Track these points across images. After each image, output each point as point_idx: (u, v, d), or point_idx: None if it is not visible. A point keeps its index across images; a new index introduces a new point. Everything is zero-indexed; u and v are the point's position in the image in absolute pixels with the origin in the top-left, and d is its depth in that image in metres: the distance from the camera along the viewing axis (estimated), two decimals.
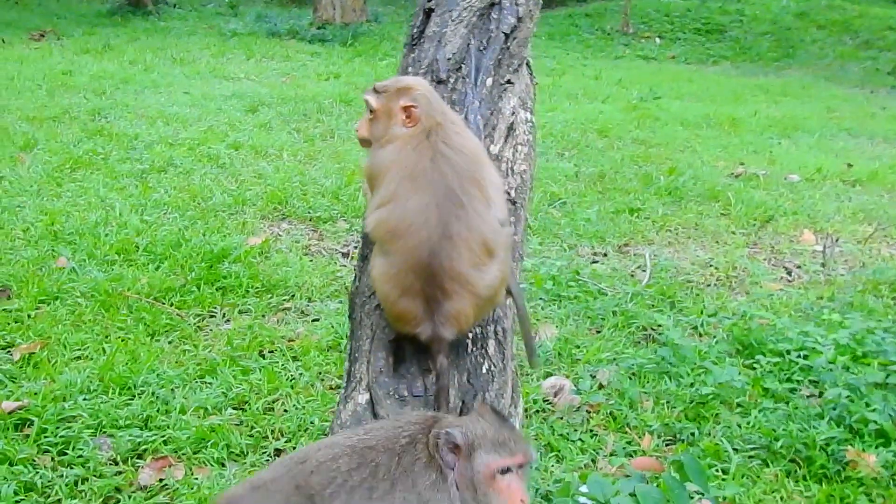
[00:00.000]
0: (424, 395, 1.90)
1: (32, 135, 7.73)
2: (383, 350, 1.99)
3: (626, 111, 10.43)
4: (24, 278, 4.68)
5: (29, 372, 3.78)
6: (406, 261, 2.00)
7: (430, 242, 1.98)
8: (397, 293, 2.00)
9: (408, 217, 2.01)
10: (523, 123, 2.43)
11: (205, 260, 5.02)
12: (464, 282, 1.99)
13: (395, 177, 2.06)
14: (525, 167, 2.38)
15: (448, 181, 2.01)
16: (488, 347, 2.05)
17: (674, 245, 6.06)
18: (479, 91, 2.32)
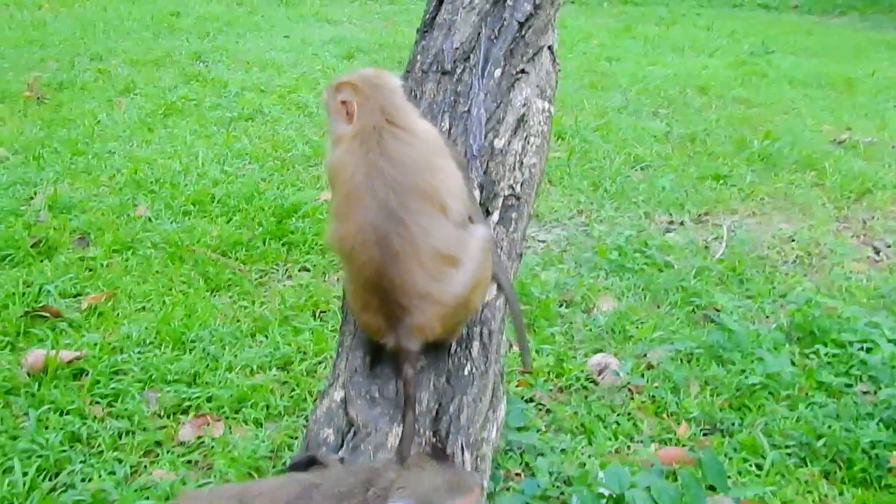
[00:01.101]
0: (395, 399, 1.90)
1: (132, 79, 8.01)
2: (361, 349, 2.00)
3: (733, 67, 9.97)
4: (102, 227, 4.89)
5: (93, 322, 3.98)
6: (358, 280, 1.99)
7: (375, 263, 1.94)
8: (359, 307, 2.00)
9: (349, 238, 1.98)
10: (538, 114, 2.36)
11: (275, 214, 5.12)
12: (423, 295, 1.94)
13: (339, 191, 2.03)
14: (535, 160, 2.31)
15: (383, 199, 1.94)
16: (472, 349, 2.03)
17: (757, 216, 5.81)
18: (486, 83, 2.25)
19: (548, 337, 4.09)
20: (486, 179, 2.20)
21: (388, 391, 1.91)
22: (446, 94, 2.28)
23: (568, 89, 8.43)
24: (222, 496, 1.74)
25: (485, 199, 2.20)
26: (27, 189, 5.43)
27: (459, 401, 1.95)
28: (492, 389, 2.03)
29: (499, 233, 2.21)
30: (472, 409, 1.94)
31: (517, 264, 2.27)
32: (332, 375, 2.03)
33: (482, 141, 2.21)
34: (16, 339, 3.80)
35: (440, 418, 1.93)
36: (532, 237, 5.24)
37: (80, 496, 2.89)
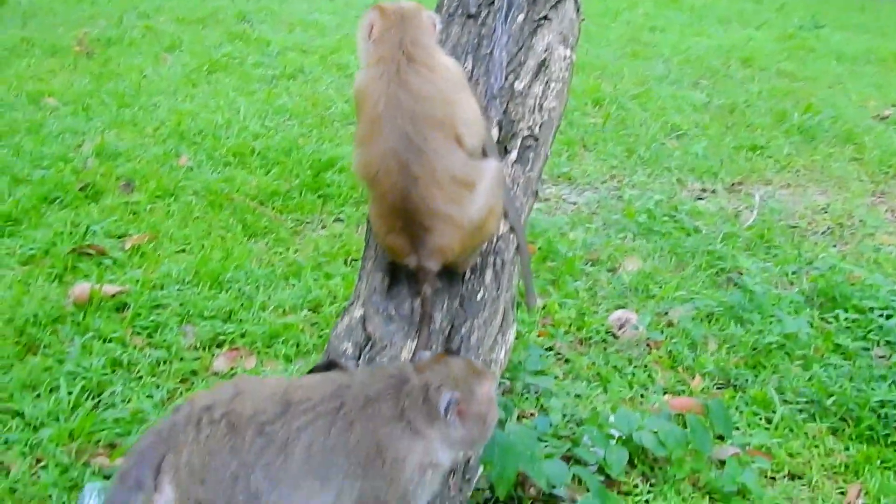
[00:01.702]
0: (410, 317, 2.03)
1: (178, 36, 8.21)
2: (381, 271, 2.13)
3: (780, 40, 9.89)
4: (147, 174, 5.09)
5: (135, 261, 4.17)
6: (384, 204, 2.13)
7: (398, 187, 2.08)
8: (384, 230, 2.14)
9: (374, 164, 2.12)
10: (560, 60, 2.45)
11: (312, 167, 5.28)
12: (443, 217, 2.07)
13: (363, 119, 2.16)
14: (555, 104, 2.41)
15: (402, 128, 2.07)
16: (485, 277, 2.15)
17: (791, 187, 5.83)
18: (509, 27, 2.35)
19: (571, 291, 4.19)
20: (505, 119, 2.31)
21: (404, 310, 2.05)
22: (470, 36, 2.39)
23: (609, 57, 8.46)
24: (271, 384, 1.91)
25: (503, 137, 2.31)
26: (76, 137, 5.65)
27: (471, 323, 2.08)
28: (502, 315, 2.16)
29: (516, 171, 2.32)
30: (483, 331, 2.07)
31: (532, 200, 2.38)
32: (353, 295, 2.17)
33: (503, 82, 2.31)
34: (63, 273, 4.01)
35: (452, 338, 2.06)
36: (563, 199, 5.34)
37: (119, 414, 3.08)
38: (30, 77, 6.98)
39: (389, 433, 1.85)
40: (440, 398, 1.86)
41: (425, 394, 1.87)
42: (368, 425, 1.84)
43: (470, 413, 1.92)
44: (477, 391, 1.93)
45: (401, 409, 1.87)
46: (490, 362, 2.11)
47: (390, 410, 1.86)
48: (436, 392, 1.87)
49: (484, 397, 1.94)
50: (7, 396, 3.16)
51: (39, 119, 5.96)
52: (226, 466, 1.77)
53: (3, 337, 3.53)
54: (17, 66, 7.28)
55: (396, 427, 1.86)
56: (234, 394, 1.85)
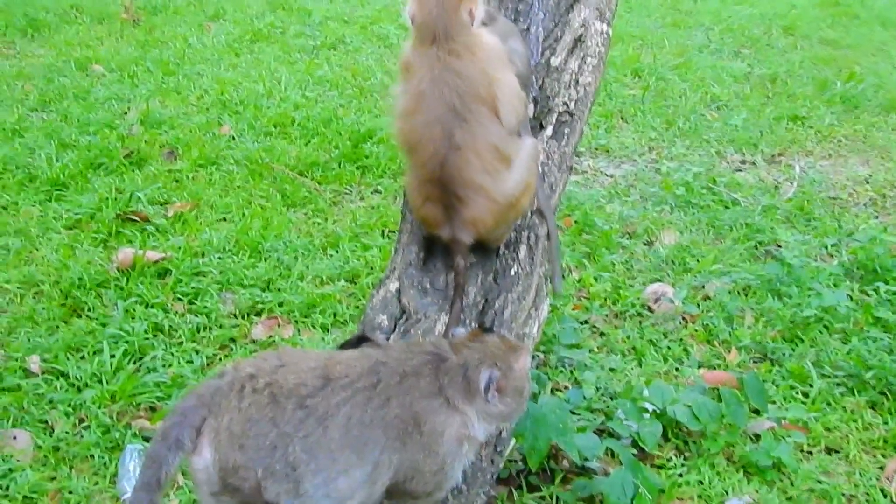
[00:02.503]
0: (445, 290, 2.07)
1: (222, 5, 8.27)
2: (416, 244, 2.17)
3: (823, 6, 9.66)
4: (190, 142, 5.17)
5: (178, 228, 4.26)
6: (422, 173, 2.17)
7: (439, 155, 2.13)
8: (420, 200, 2.18)
9: (416, 132, 2.17)
10: (596, 35, 2.45)
11: (351, 139, 5.31)
12: (478, 188, 2.12)
13: (408, 93, 2.21)
14: (590, 79, 2.41)
15: (449, 101, 2.13)
16: (519, 251, 2.18)
17: (833, 158, 5.74)
18: (545, 3, 2.36)
19: (607, 265, 4.20)
20: (540, 95, 2.32)
21: (439, 283, 2.08)
22: (507, 12, 2.40)
23: (649, 27, 8.35)
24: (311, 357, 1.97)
25: (539, 113, 2.32)
26: (121, 104, 5.75)
27: (504, 298, 2.11)
28: (535, 290, 2.19)
29: (551, 146, 2.34)
30: (517, 305, 2.10)
31: (567, 175, 2.40)
32: (389, 268, 2.21)
33: (539, 58, 2.33)
34: (108, 238, 4.11)
35: (486, 312, 2.10)
36: (600, 171, 5.32)
37: (160, 378, 3.17)
38: (78, 44, 7.11)
39: (427, 407, 1.90)
40: (480, 376, 1.91)
41: (464, 371, 1.92)
42: (405, 399, 1.89)
43: (508, 388, 1.96)
44: (514, 366, 1.97)
45: (439, 386, 1.91)
46: (523, 336, 2.14)
47: (428, 386, 1.91)
48: (475, 370, 1.91)
49: (521, 371, 1.98)
50: (52, 357, 3.26)
51: (87, 86, 6.08)
52: (265, 435, 1.83)
53: (50, 299, 3.65)
54: (66, 33, 7.41)
55: (434, 402, 1.91)
56: (278, 365, 1.91)
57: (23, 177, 4.67)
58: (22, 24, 7.45)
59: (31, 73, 6.34)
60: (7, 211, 4.38)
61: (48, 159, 4.84)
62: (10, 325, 3.48)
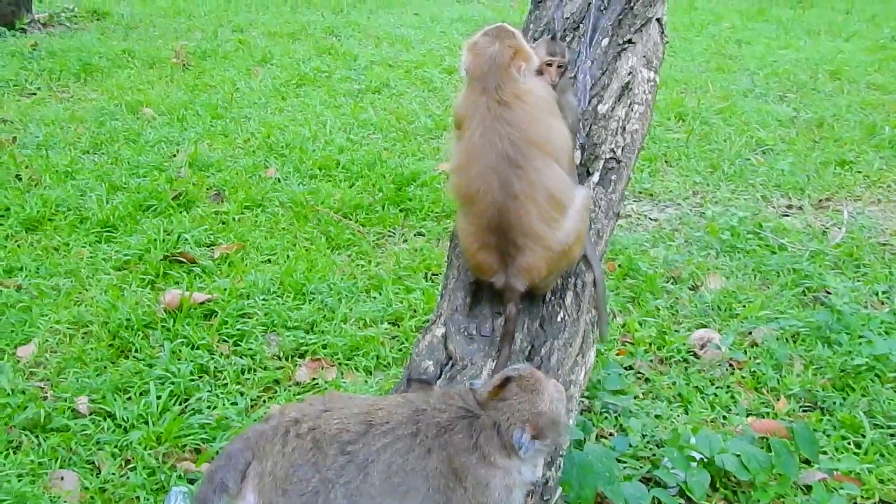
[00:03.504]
0: (491, 336, 2.06)
1: (269, 50, 8.44)
2: (463, 290, 2.17)
3: (870, 52, 9.59)
4: (236, 184, 5.25)
5: (224, 269, 4.31)
6: (480, 221, 2.20)
7: (497, 204, 2.16)
8: (476, 247, 2.20)
9: (473, 184, 2.21)
10: (644, 83, 2.46)
11: (395, 181, 5.36)
12: (535, 237, 2.14)
13: (461, 147, 2.27)
14: (637, 127, 2.41)
15: (502, 150, 2.16)
16: (566, 298, 2.17)
17: (882, 203, 5.65)
18: (593, 51, 2.37)
19: (652, 310, 4.15)
20: (588, 142, 2.33)
21: (485, 329, 2.08)
22: None
23: (693, 71, 8.35)
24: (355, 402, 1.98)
25: (586, 160, 2.32)
26: (170, 147, 5.87)
27: (551, 344, 2.10)
28: (582, 336, 2.17)
29: (598, 193, 2.33)
30: (563, 352, 2.08)
31: (614, 223, 2.39)
32: (434, 314, 2.22)
33: (586, 105, 2.34)
34: (156, 280, 4.17)
35: (532, 359, 2.08)
36: (644, 215, 5.30)
37: (205, 420, 3.19)
38: (129, 87, 7.29)
39: (466, 463, 1.90)
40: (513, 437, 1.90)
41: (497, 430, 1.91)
42: (443, 454, 1.89)
43: (543, 429, 1.94)
44: (542, 408, 1.94)
45: (474, 442, 1.91)
46: (570, 383, 2.12)
47: (464, 442, 1.91)
48: (507, 431, 1.91)
49: (550, 406, 1.96)
50: (100, 398, 3.30)
51: (137, 129, 6.22)
52: (308, 480, 1.83)
53: (98, 339, 3.70)
54: (118, 77, 7.61)
55: (472, 457, 1.91)
56: (322, 410, 1.92)
57: (74, 218, 4.77)
58: (76, 69, 7.67)
59: (83, 117, 6.51)
60: (58, 252, 4.47)
61: (99, 201, 4.95)
62: (59, 366, 3.54)
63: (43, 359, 3.61)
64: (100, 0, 10.97)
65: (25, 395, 3.32)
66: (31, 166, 5.47)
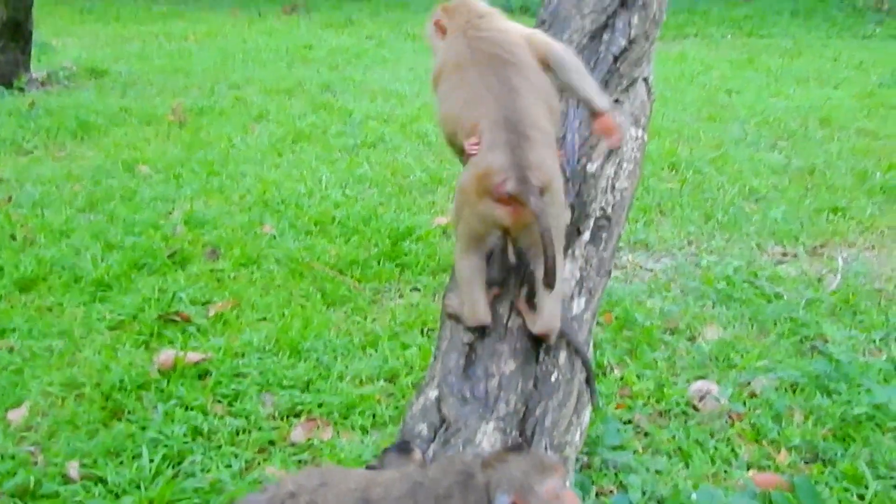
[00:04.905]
0: (485, 398, 2.04)
1: (266, 106, 8.52)
2: (456, 352, 2.15)
3: (859, 98, 9.70)
4: (232, 242, 5.26)
5: (218, 328, 4.29)
6: (488, 120, 2.18)
7: (501, 99, 2.18)
8: (486, 147, 2.17)
9: (473, 91, 2.24)
10: (632, 141, 2.48)
11: (390, 236, 5.36)
12: (542, 128, 2.16)
13: (448, 73, 2.32)
14: (626, 184, 2.43)
15: (491, 51, 2.26)
16: (559, 358, 2.16)
17: (877, 249, 5.67)
18: (581, 110, 2.40)
19: (650, 362, 4.13)
20: (577, 201, 2.34)
21: (479, 391, 2.06)
22: None
23: (685, 121, 8.43)
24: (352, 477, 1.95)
25: (576, 219, 2.33)
26: (166, 205, 5.88)
27: (545, 405, 2.08)
28: (576, 396, 2.15)
29: (589, 251, 2.33)
30: (557, 413, 2.06)
31: (606, 280, 2.39)
32: (428, 375, 2.20)
33: (575, 165, 2.35)
34: (150, 340, 4.15)
35: (527, 420, 2.06)
36: (639, 266, 5.30)
37: (199, 484, 3.14)
38: (126, 145, 7.33)
39: None
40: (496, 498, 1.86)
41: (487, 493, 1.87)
42: None
43: None
44: (537, 488, 1.91)
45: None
46: (565, 444, 2.10)
47: None
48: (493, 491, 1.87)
49: (546, 495, 1.92)
50: (91, 462, 3.26)
51: (133, 186, 6.24)
52: None
53: (91, 401, 3.67)
54: (114, 135, 7.66)
55: None
56: (319, 484, 1.89)
57: (68, 278, 4.76)
58: (73, 127, 7.72)
59: (79, 175, 6.53)
60: (52, 312, 4.45)
61: (93, 260, 4.94)
62: (50, 429, 3.50)
63: (34, 422, 3.57)
64: (98, 58, 11.10)
65: (15, 460, 3.27)
66: (27, 225, 5.48)
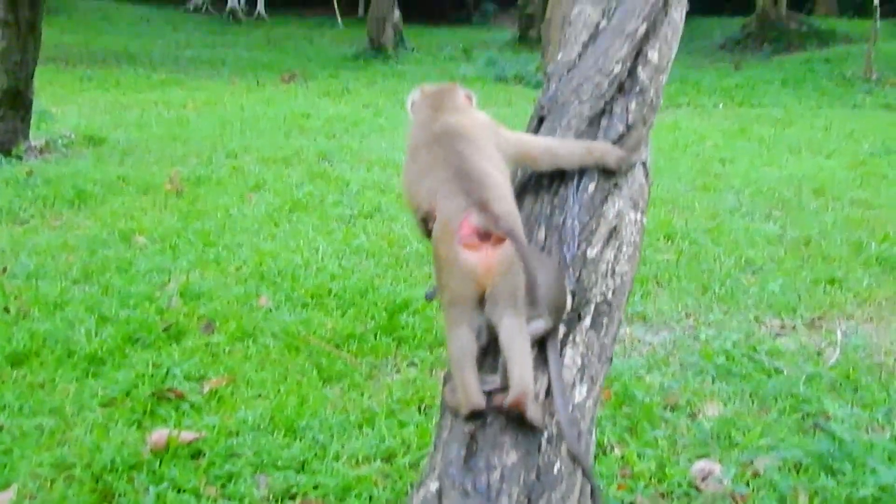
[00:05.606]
0: (487, 492, 2.00)
1: (263, 175, 8.56)
2: (457, 442, 2.11)
3: (852, 167, 9.82)
4: (227, 315, 5.22)
5: (213, 405, 4.23)
6: (441, 182, 2.27)
7: (451, 162, 2.29)
8: (443, 203, 2.23)
9: (425, 164, 2.36)
10: (631, 225, 2.48)
11: (387, 309, 5.34)
12: (495, 178, 2.26)
13: (408, 155, 2.47)
14: (626, 268, 2.42)
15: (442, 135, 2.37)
16: (561, 448, 2.12)
17: (875, 321, 5.66)
18: (580, 196, 2.40)
19: (650, 440, 4.08)
20: (578, 287, 2.33)
21: (481, 484, 2.02)
22: (543, 205, 2.45)
23: (679, 191, 8.49)
24: None
25: (577, 304, 2.31)
26: (162, 276, 5.86)
27: (548, 497, 2.03)
28: (580, 487, 2.11)
29: (590, 337, 2.32)
30: None
31: (607, 367, 2.36)
32: (428, 466, 2.16)
33: (575, 250, 2.35)
34: (143, 418, 4.08)
35: None
36: (638, 339, 5.27)
37: None
38: (123, 214, 7.33)
39: None
40: None
41: None
42: None
43: None
44: None
45: None
46: None
47: None
48: None
49: None
50: None
51: (129, 257, 6.22)
52: None
53: (81, 483, 3.59)
54: (111, 204, 7.66)
55: None
56: None
57: (61, 352, 4.71)
58: (70, 196, 7.72)
59: (75, 245, 6.51)
60: (43, 388, 4.39)
61: (87, 334, 4.89)
62: None
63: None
64: (97, 126, 11.19)
65: None
66: (20, 297, 5.44)
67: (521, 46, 23.19)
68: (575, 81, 2.61)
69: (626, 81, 2.62)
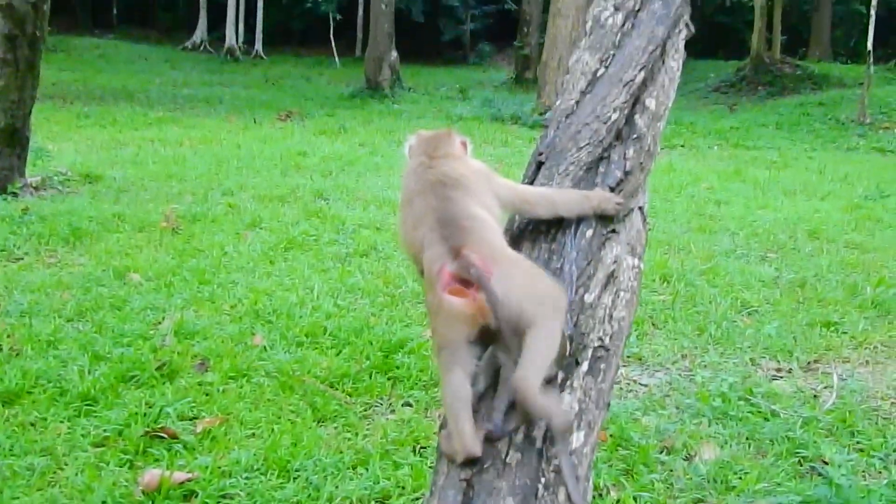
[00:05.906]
0: None
1: (259, 213, 8.58)
2: (454, 489, 2.10)
3: (846, 211, 9.89)
4: (221, 353, 5.20)
5: (206, 445, 4.19)
6: (426, 230, 2.31)
7: (437, 209, 2.34)
8: (427, 253, 2.28)
9: (416, 213, 2.38)
10: (628, 270, 2.49)
11: (382, 349, 5.32)
12: (479, 216, 2.31)
13: (402, 202, 2.49)
14: (624, 314, 2.42)
15: (434, 183, 2.41)
16: (559, 494, 2.11)
17: (871, 365, 5.66)
18: (578, 242, 2.41)
19: (647, 484, 4.05)
20: (575, 332, 2.33)
21: None
22: (541, 251, 2.45)
23: (675, 232, 8.52)
24: None
25: (575, 350, 2.31)
26: (156, 314, 5.84)
27: None
28: None
29: (587, 383, 2.31)
30: None
31: (605, 413, 2.35)
32: None
33: (573, 296, 2.35)
34: (135, 458, 4.04)
35: None
36: (634, 381, 5.26)
37: None
38: (118, 252, 7.32)
39: None
40: None
41: None
42: None
43: None
44: None
45: None
46: None
47: None
48: None
49: None
50: None
51: (123, 295, 6.20)
52: None
53: None
54: (107, 241, 7.65)
55: None
56: None
57: (54, 391, 4.67)
58: (65, 233, 7.72)
59: (69, 282, 6.50)
60: (35, 428, 4.35)
61: (80, 372, 4.86)
62: None
63: None
64: (93, 163, 11.23)
65: None
66: (13, 335, 5.41)
67: (518, 87, 23.45)
68: (573, 128, 2.63)
69: (624, 129, 2.65)
